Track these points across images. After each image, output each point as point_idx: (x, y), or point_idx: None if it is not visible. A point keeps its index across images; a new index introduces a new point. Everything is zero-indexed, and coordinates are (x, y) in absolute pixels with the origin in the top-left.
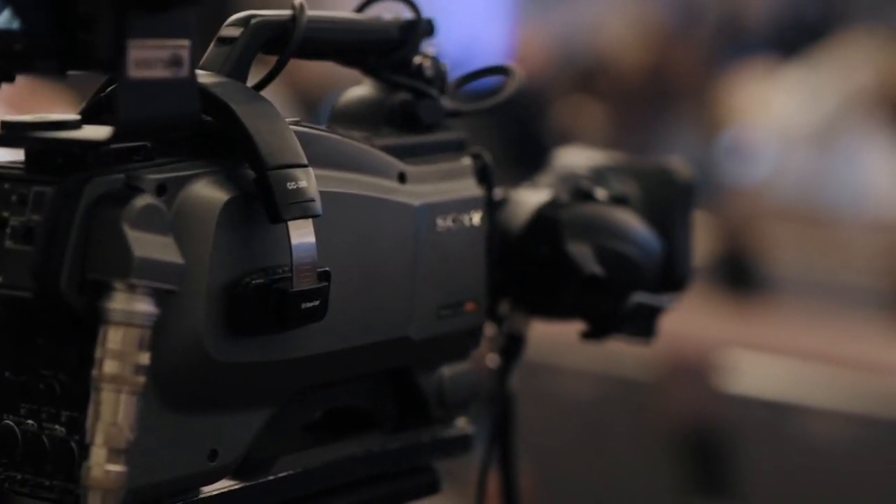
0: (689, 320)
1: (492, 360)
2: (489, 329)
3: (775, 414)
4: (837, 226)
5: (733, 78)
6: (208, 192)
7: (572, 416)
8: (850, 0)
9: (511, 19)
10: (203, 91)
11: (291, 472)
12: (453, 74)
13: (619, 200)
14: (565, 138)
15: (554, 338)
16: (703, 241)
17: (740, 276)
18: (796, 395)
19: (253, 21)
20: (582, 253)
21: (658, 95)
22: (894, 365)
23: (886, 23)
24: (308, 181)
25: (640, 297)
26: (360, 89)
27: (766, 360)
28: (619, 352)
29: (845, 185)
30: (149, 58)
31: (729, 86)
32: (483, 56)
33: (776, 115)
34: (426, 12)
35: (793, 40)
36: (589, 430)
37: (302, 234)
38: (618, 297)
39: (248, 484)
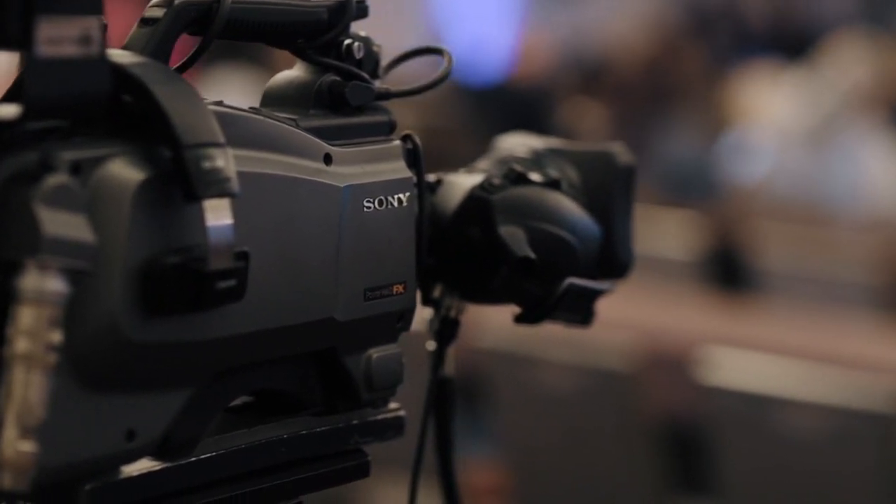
0: (675, 315)
1: (430, 344)
2: (426, 313)
3: (759, 409)
4: (831, 223)
5: (736, 79)
6: (124, 172)
7: (553, 409)
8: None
9: (518, 20)
10: (120, 70)
11: (214, 453)
12: (461, 74)
13: (551, 184)
14: (573, 137)
15: (534, 329)
16: (694, 237)
17: (731, 272)
18: (780, 391)
19: (176, 2)
20: (514, 236)
21: (661, 95)
22: (882, 360)
23: (883, 25)
24: (225, 160)
25: (573, 282)
26: (291, 72)
27: (750, 355)
28: (603, 345)
29: (841, 183)
30: (58, 35)
31: (731, 87)
32: (490, 56)
33: (776, 116)
34: (437, 13)
35: (793, 42)
36: (570, 423)
37: (218, 214)
38: (550, 281)
39: (169, 465)
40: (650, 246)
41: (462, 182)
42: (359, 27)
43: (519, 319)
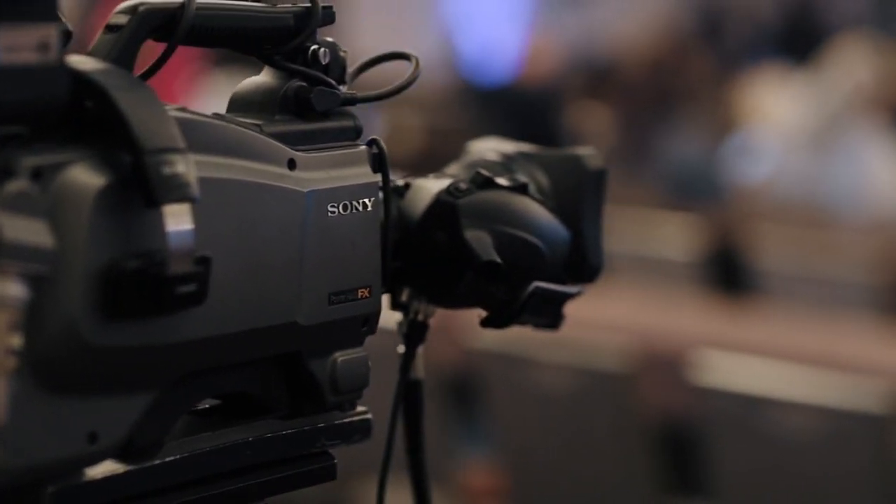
0: (673, 316)
1: (401, 347)
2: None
3: (754, 410)
4: (833, 225)
5: (743, 81)
6: (85, 177)
7: (549, 410)
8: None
9: (528, 23)
10: (81, 77)
11: (179, 456)
12: (473, 76)
13: (519, 188)
14: (579, 139)
15: (526, 331)
16: (696, 239)
17: (731, 274)
18: (775, 392)
19: (141, 8)
20: (479, 240)
21: (668, 98)
22: (879, 361)
23: (888, 28)
24: (185, 166)
25: (540, 285)
26: (258, 77)
27: (746, 356)
28: (599, 346)
29: (844, 185)
30: (16, 43)
31: (738, 89)
32: (499, 58)
33: (781, 117)
34: (449, 15)
35: (804, 45)
36: (566, 424)
37: (178, 219)
38: (516, 285)
39: (133, 468)
40: (652, 247)
41: (429, 186)
42: (373, 29)
43: (485, 323)
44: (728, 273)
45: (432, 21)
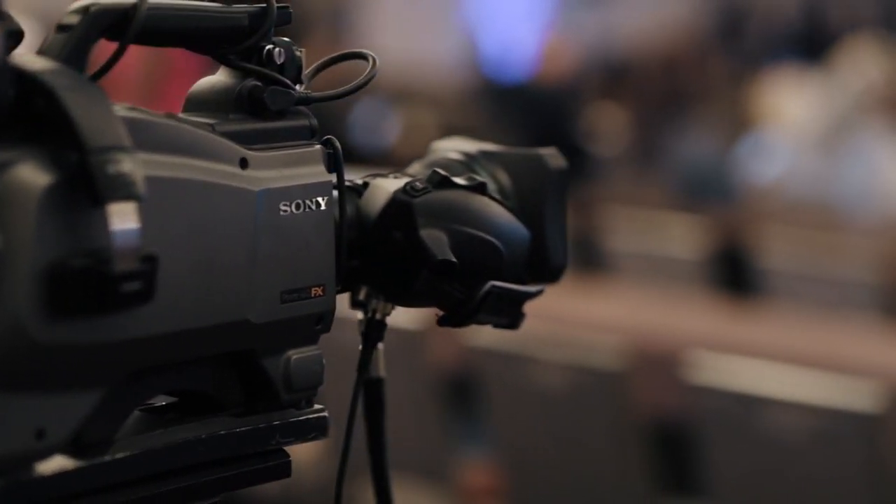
0: (671, 315)
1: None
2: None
3: (748, 409)
4: (841, 225)
5: (759, 82)
6: (31, 176)
7: (544, 408)
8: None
9: (545, 22)
10: (28, 76)
11: (131, 452)
12: (493, 74)
13: (476, 187)
14: (594, 139)
15: (527, 328)
16: (703, 239)
17: (736, 274)
18: (769, 391)
19: (92, 8)
20: (435, 239)
21: (683, 98)
22: (875, 361)
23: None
24: (131, 164)
25: (496, 284)
26: (214, 77)
27: (742, 356)
28: (595, 344)
29: (853, 185)
30: None
31: (754, 89)
32: (517, 56)
33: (794, 118)
34: (470, 15)
35: (820, 46)
36: (561, 422)
37: (124, 218)
38: (472, 284)
39: (83, 464)
40: (660, 247)
41: (387, 185)
42: (395, 28)
43: (442, 322)
44: (733, 273)
45: (453, 20)
